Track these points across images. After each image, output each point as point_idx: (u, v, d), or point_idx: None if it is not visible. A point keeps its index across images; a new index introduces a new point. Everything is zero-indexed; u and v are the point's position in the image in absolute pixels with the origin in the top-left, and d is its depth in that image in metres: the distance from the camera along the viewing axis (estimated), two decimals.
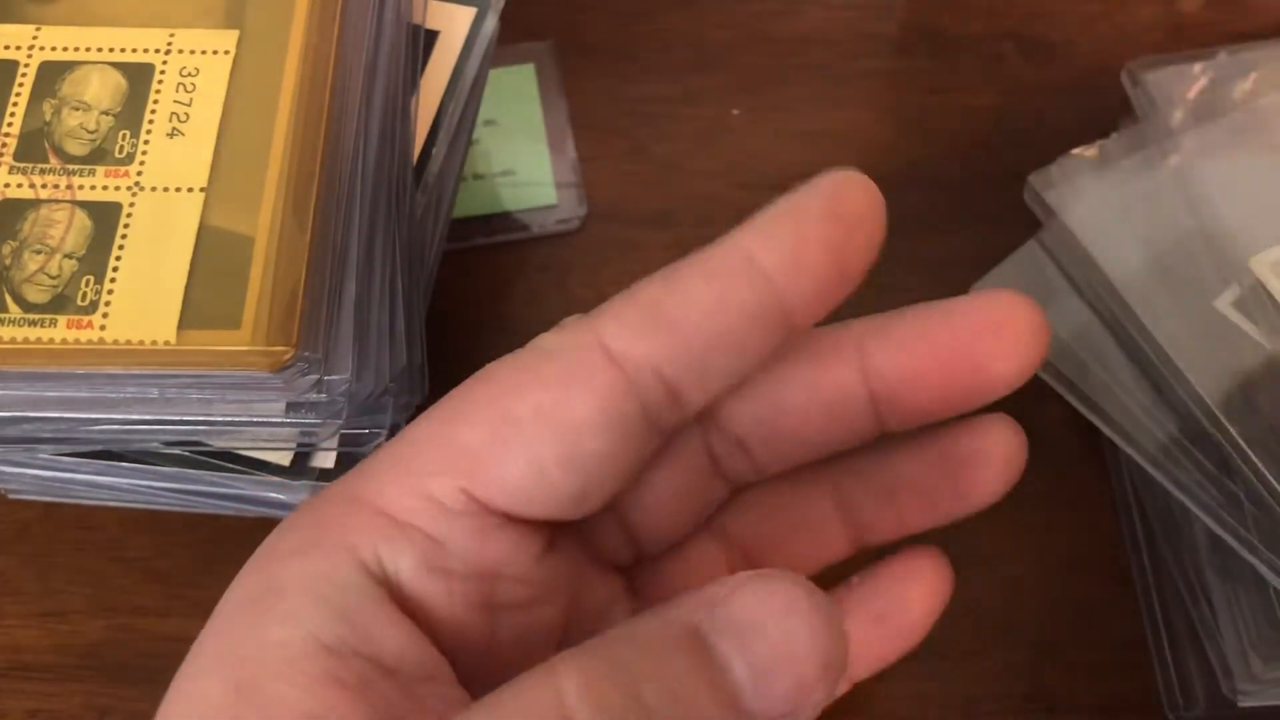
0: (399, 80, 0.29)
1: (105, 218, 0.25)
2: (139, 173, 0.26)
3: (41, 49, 0.27)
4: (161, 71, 0.27)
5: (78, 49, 0.27)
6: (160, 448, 0.27)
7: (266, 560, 0.18)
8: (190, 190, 0.26)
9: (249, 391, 0.25)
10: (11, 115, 0.26)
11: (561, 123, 0.38)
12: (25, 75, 0.27)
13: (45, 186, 0.26)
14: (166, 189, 0.26)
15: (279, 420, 0.26)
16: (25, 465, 0.28)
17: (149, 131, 0.26)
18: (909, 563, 0.23)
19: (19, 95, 0.27)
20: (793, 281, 0.18)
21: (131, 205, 0.25)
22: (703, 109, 0.39)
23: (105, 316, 0.24)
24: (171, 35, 0.27)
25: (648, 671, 0.15)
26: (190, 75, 0.27)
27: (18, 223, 0.25)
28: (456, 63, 0.31)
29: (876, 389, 0.21)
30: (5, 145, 0.26)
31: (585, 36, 0.40)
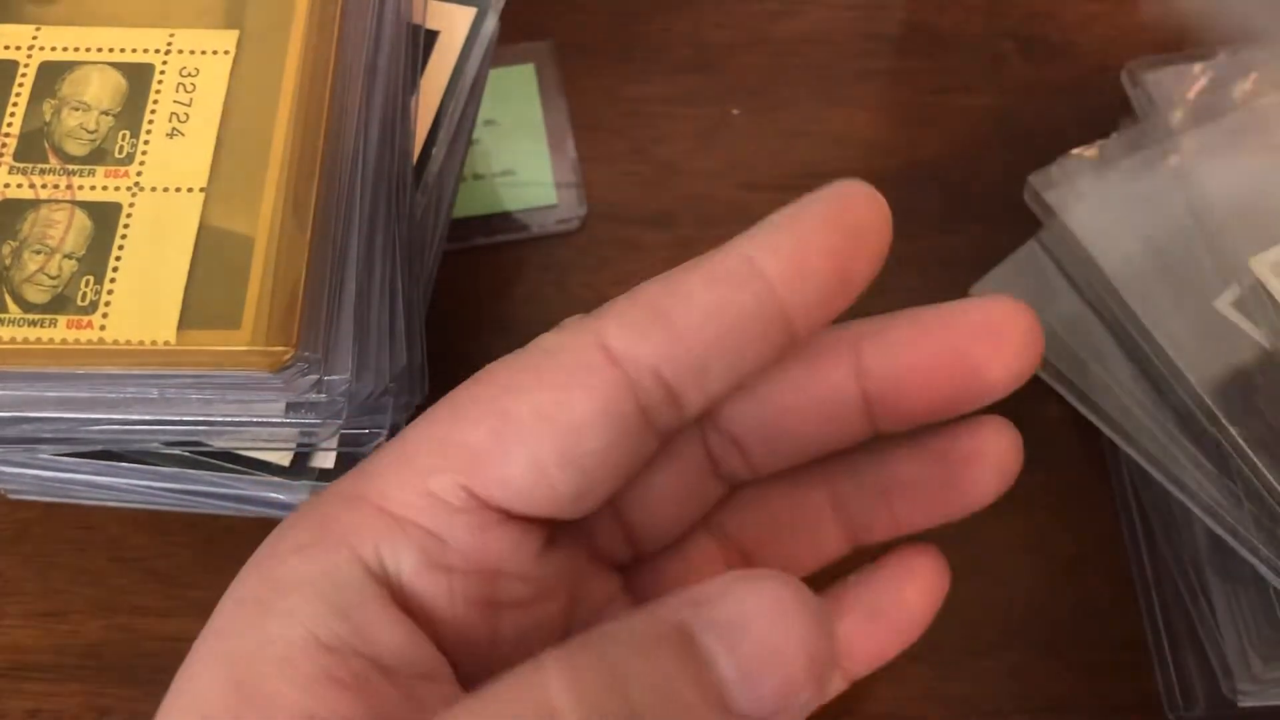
0: (399, 80, 0.29)
1: (105, 218, 0.25)
2: (139, 173, 0.26)
3: (41, 49, 0.27)
4: (161, 71, 0.27)
5: (78, 49, 0.27)
6: (160, 448, 0.27)
7: (267, 559, 0.19)
8: (190, 190, 0.26)
9: (249, 391, 0.25)
10: (11, 115, 0.26)
11: (561, 123, 0.38)
12: (25, 75, 0.27)
13: (45, 186, 0.26)
14: (166, 189, 0.26)
15: (279, 420, 0.26)
16: (25, 465, 0.28)
17: (149, 131, 0.26)
18: (905, 560, 0.23)
19: (19, 95, 0.27)
20: (794, 289, 0.18)
21: (131, 205, 0.25)
22: (703, 109, 0.39)
23: (105, 316, 0.24)
24: (171, 35, 0.27)
25: (634, 669, 0.15)
26: (190, 75, 0.27)
27: (18, 223, 0.25)
28: (456, 63, 0.31)
29: (870, 391, 0.21)
30: (5, 145, 0.26)
31: (585, 36, 0.40)
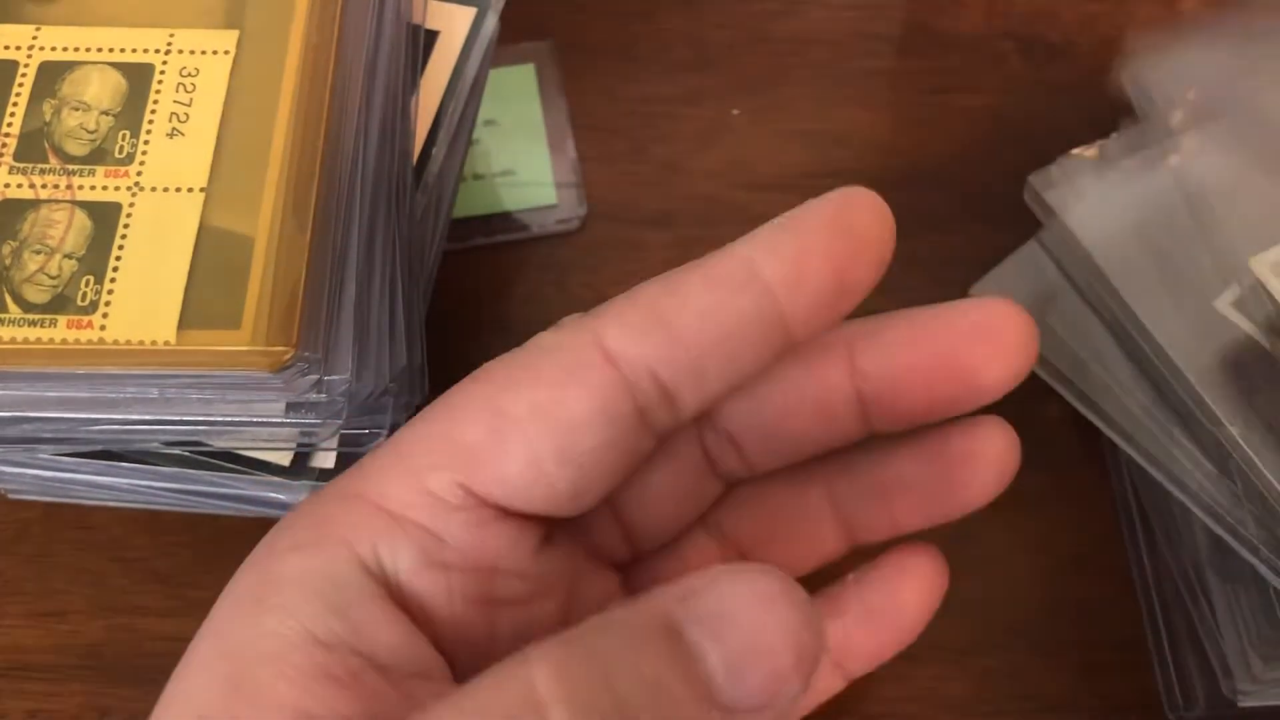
0: (399, 80, 0.29)
1: (105, 218, 0.25)
2: (139, 173, 0.26)
3: (41, 49, 0.27)
4: (161, 72, 0.27)
5: (78, 49, 0.27)
6: (160, 448, 0.27)
7: (264, 557, 0.19)
8: (190, 190, 0.26)
9: (249, 391, 0.25)
10: (11, 115, 0.26)
11: (561, 123, 0.38)
12: (25, 75, 0.27)
13: (45, 186, 0.26)
14: (166, 189, 0.26)
15: (279, 420, 0.26)
16: (25, 465, 0.28)
17: (149, 132, 0.26)
18: (904, 560, 0.23)
19: (19, 95, 0.27)
20: (793, 293, 0.18)
21: (131, 205, 0.25)
22: (703, 109, 0.39)
23: (105, 316, 0.24)
24: (171, 35, 0.27)
25: (621, 661, 0.15)
26: (190, 75, 0.27)
27: (18, 223, 0.25)
28: (456, 63, 0.31)
29: (864, 391, 0.21)
30: (5, 145, 0.26)
31: (585, 36, 0.40)
